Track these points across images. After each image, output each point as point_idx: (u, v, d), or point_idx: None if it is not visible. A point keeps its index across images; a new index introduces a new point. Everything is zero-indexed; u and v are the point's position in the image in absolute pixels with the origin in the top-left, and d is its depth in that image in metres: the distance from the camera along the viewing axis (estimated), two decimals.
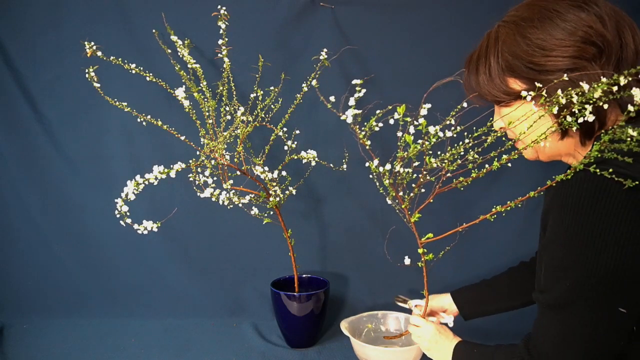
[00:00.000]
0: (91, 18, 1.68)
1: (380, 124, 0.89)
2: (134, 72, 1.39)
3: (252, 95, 1.49)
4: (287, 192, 1.51)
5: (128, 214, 1.17)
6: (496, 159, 0.83)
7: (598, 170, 0.69)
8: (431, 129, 0.84)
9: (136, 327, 1.66)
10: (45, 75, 1.72)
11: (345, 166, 1.54)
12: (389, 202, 1.03)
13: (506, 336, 1.23)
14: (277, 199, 1.46)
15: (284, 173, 1.47)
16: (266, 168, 1.41)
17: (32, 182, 1.76)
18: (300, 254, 1.57)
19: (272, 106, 1.48)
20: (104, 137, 1.75)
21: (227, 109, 1.45)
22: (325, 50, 1.46)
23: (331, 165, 1.50)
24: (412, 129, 0.83)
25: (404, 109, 0.82)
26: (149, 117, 1.36)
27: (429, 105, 0.85)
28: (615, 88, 0.68)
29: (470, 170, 0.86)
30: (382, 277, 1.77)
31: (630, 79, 0.68)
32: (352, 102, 0.86)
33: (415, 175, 0.93)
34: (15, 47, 1.69)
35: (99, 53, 1.39)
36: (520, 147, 0.86)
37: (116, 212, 1.20)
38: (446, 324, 1.19)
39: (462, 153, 0.85)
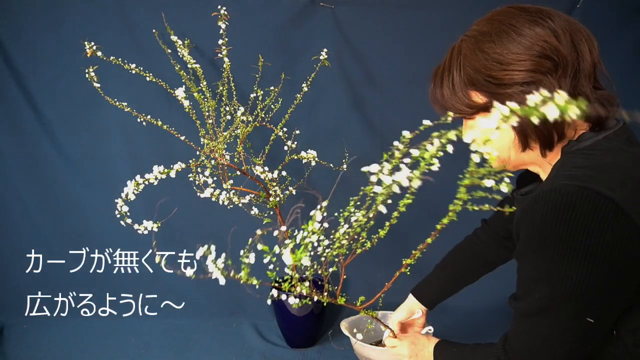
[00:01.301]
0: (91, 18, 1.68)
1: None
2: (134, 72, 1.39)
3: (252, 95, 1.49)
4: (287, 192, 1.50)
5: (128, 214, 1.17)
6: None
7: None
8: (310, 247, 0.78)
9: (136, 327, 1.66)
10: (45, 75, 1.72)
11: (345, 166, 1.53)
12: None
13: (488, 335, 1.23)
14: (277, 199, 1.46)
15: (284, 173, 1.47)
16: (266, 168, 1.41)
17: (32, 182, 1.76)
18: None
19: (272, 106, 1.48)
20: (104, 137, 1.75)
21: (227, 109, 1.45)
22: (325, 50, 1.46)
23: (331, 165, 1.50)
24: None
25: (254, 281, 0.77)
26: (149, 117, 1.36)
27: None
28: (562, 97, 0.67)
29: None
30: (382, 277, 1.77)
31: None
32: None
33: (312, 268, 0.93)
34: (15, 47, 1.69)
35: (99, 53, 1.39)
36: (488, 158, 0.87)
37: (116, 212, 1.20)
38: (427, 332, 1.21)
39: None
